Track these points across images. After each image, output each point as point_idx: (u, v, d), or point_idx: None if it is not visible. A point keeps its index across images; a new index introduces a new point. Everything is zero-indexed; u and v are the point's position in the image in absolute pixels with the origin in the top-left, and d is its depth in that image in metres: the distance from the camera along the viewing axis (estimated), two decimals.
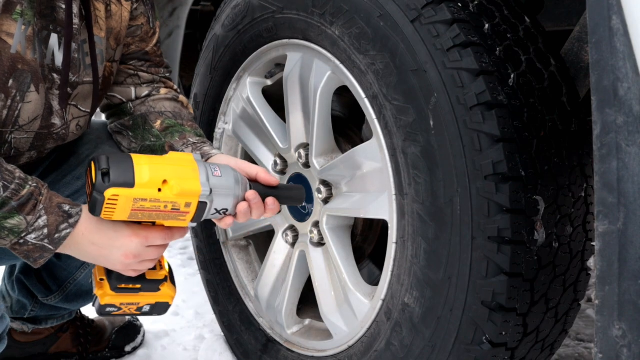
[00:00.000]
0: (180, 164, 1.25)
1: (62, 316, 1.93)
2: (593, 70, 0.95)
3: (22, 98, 1.33)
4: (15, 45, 1.29)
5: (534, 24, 1.35)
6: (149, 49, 1.62)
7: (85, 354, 2.01)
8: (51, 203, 1.25)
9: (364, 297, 1.49)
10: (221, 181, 1.27)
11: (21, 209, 1.22)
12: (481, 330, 1.24)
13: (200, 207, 1.25)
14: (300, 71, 1.58)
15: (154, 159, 1.24)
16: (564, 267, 1.30)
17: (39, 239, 1.25)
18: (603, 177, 0.95)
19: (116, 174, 1.18)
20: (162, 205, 1.22)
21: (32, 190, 1.24)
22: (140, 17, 1.57)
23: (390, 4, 1.30)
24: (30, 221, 1.23)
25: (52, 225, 1.25)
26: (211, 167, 1.27)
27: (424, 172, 1.27)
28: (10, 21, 1.27)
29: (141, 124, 1.58)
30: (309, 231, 1.63)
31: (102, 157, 1.19)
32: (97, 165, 1.19)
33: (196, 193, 1.23)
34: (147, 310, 1.40)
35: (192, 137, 1.54)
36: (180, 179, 1.22)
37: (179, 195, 1.22)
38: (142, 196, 1.20)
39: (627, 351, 0.95)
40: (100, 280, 1.36)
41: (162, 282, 1.39)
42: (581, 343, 2.09)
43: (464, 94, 1.21)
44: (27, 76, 1.32)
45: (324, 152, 1.59)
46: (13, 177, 1.23)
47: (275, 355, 1.73)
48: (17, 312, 1.88)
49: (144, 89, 1.62)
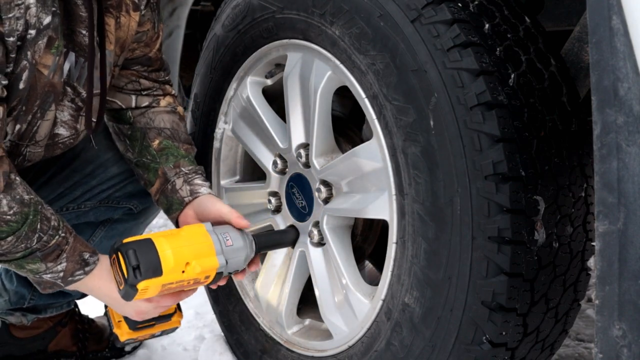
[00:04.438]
0: (196, 241, 1.36)
1: (61, 305, 1.94)
2: (593, 70, 0.95)
3: (42, 116, 1.40)
4: (49, 75, 1.36)
5: (534, 24, 1.35)
6: (152, 54, 1.65)
7: (85, 353, 2.01)
8: (74, 252, 1.34)
9: (364, 297, 1.49)
10: (234, 251, 1.39)
11: (45, 257, 1.31)
12: (481, 330, 1.24)
13: (217, 276, 1.38)
14: (301, 71, 1.58)
15: (172, 241, 1.34)
16: (564, 267, 1.30)
17: (53, 279, 1.35)
18: (603, 177, 0.95)
19: (145, 266, 1.28)
20: (186, 282, 1.35)
21: (59, 241, 1.32)
22: (146, 23, 1.59)
23: (390, 4, 1.30)
24: (50, 267, 1.33)
25: (69, 271, 1.35)
26: (223, 236, 1.39)
27: (424, 172, 1.27)
28: (49, 55, 1.34)
29: (140, 138, 1.63)
30: (309, 231, 1.63)
31: (130, 251, 1.29)
32: (127, 261, 1.29)
33: (214, 268, 1.36)
34: (159, 334, 1.58)
35: (185, 166, 1.60)
36: (199, 258, 1.33)
37: (200, 273, 1.34)
38: (169, 281, 1.31)
39: (627, 351, 0.95)
40: (118, 321, 1.53)
41: (173, 314, 1.56)
42: (581, 343, 2.09)
43: (464, 94, 1.21)
44: (50, 96, 1.39)
45: (324, 152, 1.59)
46: (49, 227, 1.31)
47: (275, 355, 1.73)
48: (16, 303, 1.88)
49: (145, 98, 1.66)
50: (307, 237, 1.63)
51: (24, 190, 1.30)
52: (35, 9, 1.26)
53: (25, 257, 1.29)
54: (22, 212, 1.27)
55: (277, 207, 1.75)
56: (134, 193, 1.76)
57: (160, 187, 1.59)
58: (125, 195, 1.76)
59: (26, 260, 1.30)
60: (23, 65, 1.29)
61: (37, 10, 1.26)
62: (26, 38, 1.28)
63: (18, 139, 1.40)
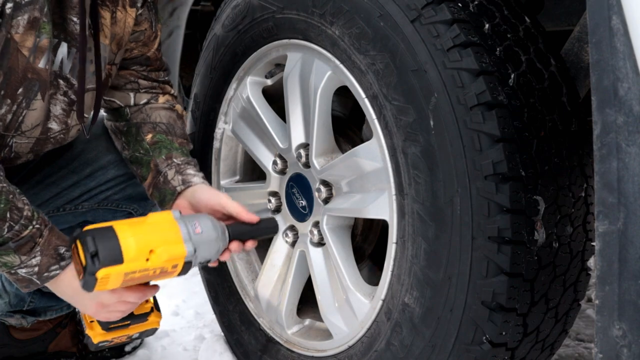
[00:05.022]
0: (162, 228, 1.28)
1: (61, 307, 1.93)
2: (593, 70, 0.95)
3: (27, 105, 1.37)
4: (30, 57, 1.33)
5: (534, 24, 1.35)
6: (150, 54, 1.64)
7: (85, 353, 2.01)
8: (49, 245, 1.31)
9: (364, 297, 1.49)
10: (202, 238, 1.31)
11: (18, 249, 1.28)
12: (481, 330, 1.24)
13: (185, 266, 1.30)
14: (301, 71, 1.58)
15: (136, 227, 1.26)
16: (564, 267, 1.30)
17: (28, 274, 1.31)
18: (603, 177, 0.95)
19: (104, 254, 1.20)
20: (151, 271, 1.26)
21: (33, 232, 1.29)
22: (144, 23, 1.58)
23: (390, 4, 1.30)
24: (24, 260, 1.29)
25: (44, 265, 1.31)
26: (191, 224, 1.31)
27: (424, 172, 1.27)
28: (32, 37, 1.31)
29: (134, 133, 1.62)
30: (309, 231, 1.63)
31: (88, 238, 1.21)
32: (85, 248, 1.20)
33: (182, 255, 1.27)
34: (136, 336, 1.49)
35: (177, 158, 1.58)
36: (165, 245, 1.25)
37: (166, 262, 1.26)
38: (131, 269, 1.23)
39: (627, 351, 0.95)
40: (90, 322, 1.45)
41: (150, 314, 1.47)
42: (581, 343, 2.09)
43: (464, 94, 1.21)
44: (35, 84, 1.36)
45: (324, 152, 1.59)
46: (20, 217, 1.27)
47: (275, 355, 1.73)
48: (16, 305, 1.88)
49: (143, 95, 1.65)
50: (307, 237, 1.63)
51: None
52: None
53: None
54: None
55: (277, 207, 1.75)
56: (133, 196, 1.76)
57: (153, 181, 1.57)
58: (124, 198, 1.76)
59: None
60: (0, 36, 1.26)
61: None
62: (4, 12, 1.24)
63: (3, 130, 1.38)
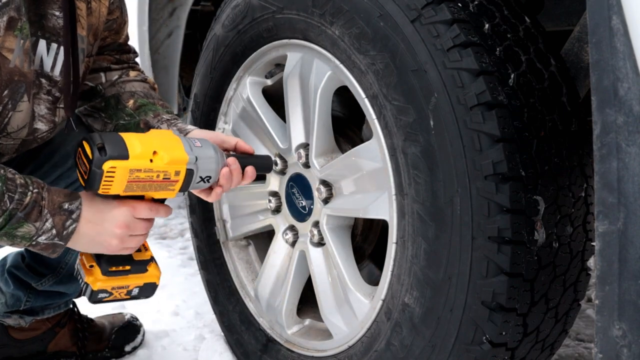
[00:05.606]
0: (163, 137, 1.34)
1: (58, 305, 1.93)
2: (593, 70, 0.95)
3: (13, 107, 1.36)
4: (14, 60, 1.32)
5: (534, 24, 1.35)
6: (121, 40, 1.67)
7: (84, 353, 2.01)
8: (53, 205, 1.30)
9: (364, 297, 1.49)
10: (203, 150, 1.36)
11: (28, 217, 1.27)
12: (481, 330, 1.24)
13: (188, 174, 1.33)
14: (300, 71, 1.58)
15: (140, 135, 1.32)
16: (564, 267, 1.30)
17: (49, 239, 1.31)
18: (603, 177, 0.95)
19: (111, 147, 1.25)
20: (155, 174, 1.30)
21: (34, 197, 1.28)
22: (115, 11, 1.60)
23: (390, 4, 1.30)
24: (39, 226, 1.29)
25: (59, 224, 1.30)
26: (191, 140, 1.37)
27: (424, 172, 1.27)
28: (12, 37, 1.30)
29: (114, 104, 1.62)
30: (309, 231, 1.63)
31: (95, 134, 1.27)
32: (92, 142, 1.25)
33: (184, 160, 1.32)
34: (136, 293, 1.45)
35: (165, 115, 1.58)
36: (167, 149, 1.31)
37: (169, 164, 1.30)
38: (136, 167, 1.27)
39: (627, 351, 0.95)
40: (90, 267, 1.41)
41: (149, 263, 1.45)
42: (581, 343, 2.09)
43: (464, 94, 1.21)
44: (21, 86, 1.35)
45: (324, 152, 1.59)
46: (15, 186, 1.27)
47: (275, 356, 1.73)
48: (12, 305, 1.88)
49: (114, 73, 1.67)
50: (307, 237, 1.63)
51: None
52: None
53: (8, 221, 1.25)
54: None
55: (277, 207, 1.75)
56: None
57: None
58: None
59: (12, 226, 1.26)
60: None
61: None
62: None
63: None
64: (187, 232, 3.18)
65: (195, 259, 2.06)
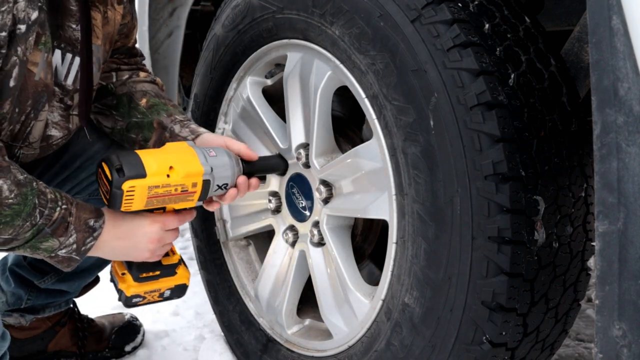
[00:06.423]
0: (178, 151, 1.39)
1: (59, 304, 1.94)
2: (593, 70, 0.95)
3: (35, 116, 1.40)
4: (39, 73, 1.35)
5: (534, 24, 1.35)
6: (130, 44, 1.70)
7: (84, 352, 2.01)
8: (79, 221, 1.34)
9: (364, 297, 1.49)
10: (217, 160, 1.41)
11: (54, 232, 1.31)
12: (481, 330, 1.24)
13: (205, 184, 1.39)
14: (301, 71, 1.58)
15: (155, 151, 1.39)
16: (564, 267, 1.30)
17: (67, 253, 1.34)
18: (603, 177, 0.95)
19: (128, 167, 1.31)
20: (173, 188, 1.35)
21: (63, 213, 1.31)
22: (127, 15, 1.62)
23: (390, 4, 1.30)
24: (63, 242, 1.32)
25: (80, 241, 1.34)
26: (205, 149, 1.41)
27: (424, 172, 1.27)
28: (37, 52, 1.33)
29: (126, 102, 1.64)
30: (309, 231, 1.63)
31: (112, 156, 1.33)
32: (110, 164, 1.31)
33: (199, 172, 1.37)
34: (168, 294, 1.52)
35: (178, 115, 1.61)
36: (183, 163, 1.36)
37: (185, 177, 1.35)
38: (154, 183, 1.33)
39: (627, 351, 0.95)
40: (122, 274, 1.48)
41: (178, 266, 1.51)
42: (581, 343, 2.09)
43: (464, 94, 1.21)
44: (43, 96, 1.39)
45: (324, 152, 1.59)
46: (46, 200, 1.30)
47: (275, 356, 1.73)
48: (13, 304, 1.88)
49: (124, 72, 1.69)
50: (307, 237, 1.63)
51: (17, 171, 1.29)
52: (23, 3, 1.25)
53: (35, 235, 1.28)
54: (21, 193, 1.26)
55: (277, 207, 1.75)
56: None
57: (159, 137, 1.59)
58: None
59: (38, 240, 1.30)
60: (13, 61, 1.28)
61: (25, 5, 1.25)
62: (15, 33, 1.26)
63: (11, 140, 1.39)
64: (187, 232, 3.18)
65: (195, 259, 2.06)
